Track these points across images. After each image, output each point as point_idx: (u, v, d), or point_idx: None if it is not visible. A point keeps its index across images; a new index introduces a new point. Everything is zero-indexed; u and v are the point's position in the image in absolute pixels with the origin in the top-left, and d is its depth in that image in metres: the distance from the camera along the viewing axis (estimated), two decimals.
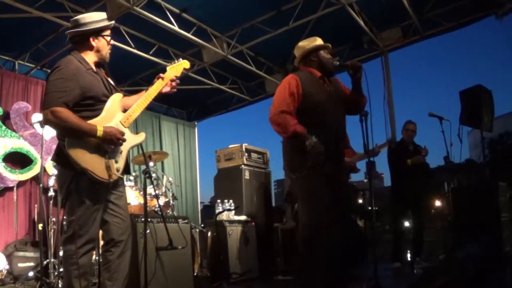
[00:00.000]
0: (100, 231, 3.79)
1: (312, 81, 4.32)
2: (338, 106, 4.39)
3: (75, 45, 3.82)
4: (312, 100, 4.21)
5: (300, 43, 4.55)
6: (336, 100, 4.37)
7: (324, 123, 4.19)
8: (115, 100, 3.80)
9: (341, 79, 4.68)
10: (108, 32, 3.85)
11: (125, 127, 3.76)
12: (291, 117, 4.11)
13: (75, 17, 3.83)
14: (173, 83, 4.08)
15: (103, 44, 3.81)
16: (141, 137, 3.99)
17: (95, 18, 3.80)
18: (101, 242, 3.82)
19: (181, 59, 4.31)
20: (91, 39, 3.76)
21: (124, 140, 3.68)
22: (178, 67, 4.20)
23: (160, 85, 4.00)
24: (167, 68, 4.15)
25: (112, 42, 3.90)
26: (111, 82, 3.95)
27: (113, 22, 3.91)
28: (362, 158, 6.96)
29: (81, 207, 3.51)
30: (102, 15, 3.87)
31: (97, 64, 3.85)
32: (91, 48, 3.77)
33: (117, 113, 3.76)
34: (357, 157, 6.93)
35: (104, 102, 3.71)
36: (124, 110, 3.83)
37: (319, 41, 4.49)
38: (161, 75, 4.05)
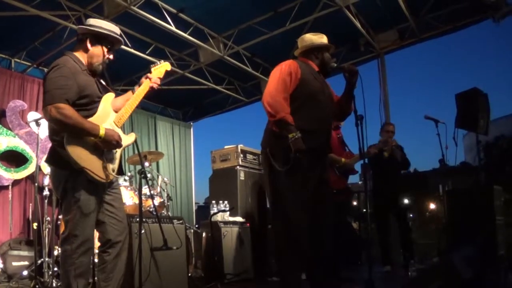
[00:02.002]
0: (97, 232, 3.78)
1: (310, 71, 4.32)
2: (329, 101, 4.41)
3: (76, 44, 3.84)
4: (308, 87, 4.20)
5: (308, 36, 4.52)
6: (328, 95, 4.39)
7: (317, 112, 4.20)
8: (108, 99, 3.81)
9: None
10: (108, 43, 3.83)
11: (118, 127, 3.78)
12: (286, 103, 4.08)
13: (90, 18, 3.90)
14: (155, 85, 4.11)
15: (98, 52, 3.79)
16: (132, 137, 4.00)
17: (103, 25, 3.82)
18: (97, 243, 3.80)
19: (162, 61, 4.35)
20: (88, 41, 3.75)
21: (121, 146, 3.72)
22: (160, 68, 4.26)
23: (147, 86, 4.06)
24: (152, 69, 4.21)
25: (110, 57, 3.88)
26: (103, 83, 3.97)
27: (118, 37, 3.90)
28: (359, 159, 6.96)
29: (77, 206, 3.51)
30: (114, 28, 3.89)
31: (89, 70, 3.82)
32: (86, 50, 3.76)
33: (110, 113, 3.78)
34: (355, 159, 6.93)
35: (98, 102, 3.72)
36: (114, 111, 3.85)
37: (325, 39, 4.48)
38: (148, 75, 4.12)
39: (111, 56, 3.88)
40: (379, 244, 7.51)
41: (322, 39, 4.47)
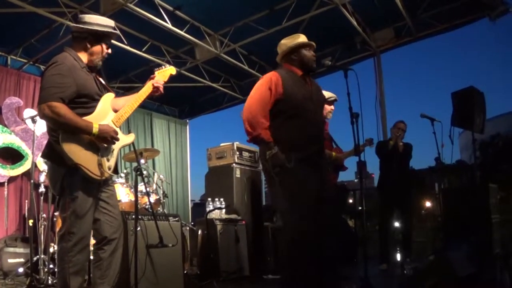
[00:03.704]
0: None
1: (294, 80, 4.25)
2: (318, 107, 4.39)
3: (73, 42, 3.80)
4: (293, 100, 4.14)
5: (283, 41, 4.46)
6: (316, 101, 4.36)
7: (306, 124, 4.15)
8: (108, 99, 3.80)
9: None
10: (107, 40, 3.82)
11: (117, 127, 3.76)
12: (264, 119, 4.05)
13: (84, 15, 3.83)
14: (158, 85, 4.11)
15: (98, 50, 3.78)
16: (131, 137, 4.01)
17: (100, 22, 3.77)
18: (92, 241, 3.80)
19: (167, 65, 4.39)
20: (87, 42, 3.72)
21: (118, 140, 3.70)
22: (165, 72, 4.27)
23: (150, 89, 4.07)
24: (156, 73, 4.22)
25: (109, 51, 3.87)
26: (103, 82, 3.95)
27: (115, 31, 3.90)
28: (349, 155, 6.97)
29: (74, 203, 3.50)
30: (110, 22, 3.85)
31: (89, 67, 3.82)
32: (85, 49, 3.74)
33: (109, 112, 3.77)
34: (346, 154, 6.94)
35: (97, 100, 3.71)
36: (114, 110, 3.84)
37: (302, 38, 4.39)
38: (152, 77, 4.13)
39: (109, 51, 3.87)
40: (380, 241, 7.52)
41: (298, 39, 4.39)
